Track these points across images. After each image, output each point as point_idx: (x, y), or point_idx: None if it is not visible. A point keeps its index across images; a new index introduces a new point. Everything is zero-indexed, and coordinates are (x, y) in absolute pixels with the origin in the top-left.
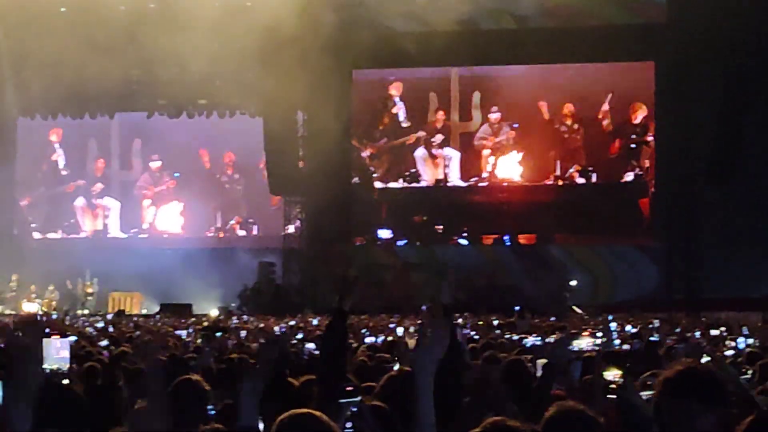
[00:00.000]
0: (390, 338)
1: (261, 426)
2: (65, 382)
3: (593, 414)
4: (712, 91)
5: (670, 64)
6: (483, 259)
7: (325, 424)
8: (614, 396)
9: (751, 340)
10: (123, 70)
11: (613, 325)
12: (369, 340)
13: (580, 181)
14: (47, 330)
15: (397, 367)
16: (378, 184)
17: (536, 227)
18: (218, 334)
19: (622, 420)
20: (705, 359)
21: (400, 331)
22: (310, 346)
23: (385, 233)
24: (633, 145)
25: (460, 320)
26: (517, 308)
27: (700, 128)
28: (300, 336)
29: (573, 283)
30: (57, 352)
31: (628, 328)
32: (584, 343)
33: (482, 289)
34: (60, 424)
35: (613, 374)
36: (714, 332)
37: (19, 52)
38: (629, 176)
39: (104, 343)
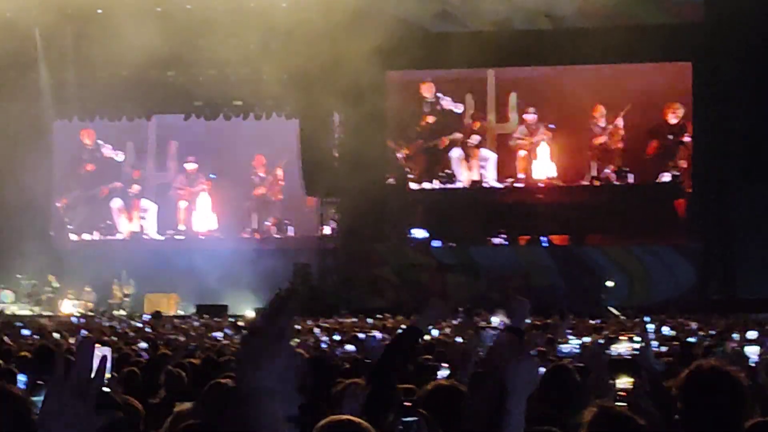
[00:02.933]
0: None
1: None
2: (106, 390)
3: (632, 415)
4: (750, 91)
5: (708, 65)
6: (518, 259)
7: None
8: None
9: None
10: (160, 72)
11: (650, 327)
12: None
13: (617, 181)
14: (84, 332)
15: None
16: (413, 185)
17: (572, 228)
18: None
19: None
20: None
21: (435, 332)
22: (350, 348)
23: (420, 233)
24: (669, 146)
25: (497, 322)
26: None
27: (737, 128)
28: (337, 337)
29: (609, 283)
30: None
31: (665, 329)
32: (623, 347)
33: (517, 290)
34: None
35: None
36: (751, 334)
37: (56, 54)
38: (666, 177)
39: (143, 345)
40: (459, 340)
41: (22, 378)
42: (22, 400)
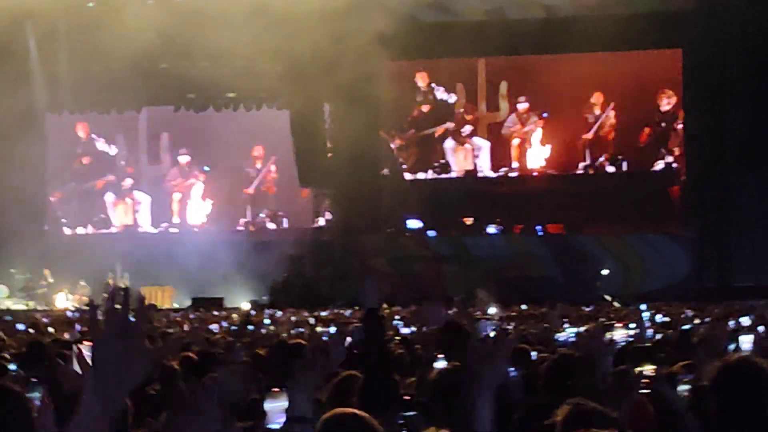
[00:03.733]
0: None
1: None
2: None
3: (605, 410)
4: (742, 77)
5: (699, 52)
6: (513, 249)
7: (373, 427)
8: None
9: None
10: (151, 65)
11: (646, 315)
12: (405, 330)
13: (610, 169)
14: (79, 327)
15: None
16: (407, 176)
17: (566, 217)
18: (250, 327)
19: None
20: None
21: None
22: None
23: (414, 223)
24: (662, 133)
25: (493, 312)
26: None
27: (730, 115)
28: (333, 329)
29: (604, 272)
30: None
31: (660, 317)
32: (617, 334)
33: (513, 279)
34: None
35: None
36: (745, 321)
37: (47, 48)
38: (660, 164)
39: None
40: None
41: (11, 367)
42: (20, 397)
